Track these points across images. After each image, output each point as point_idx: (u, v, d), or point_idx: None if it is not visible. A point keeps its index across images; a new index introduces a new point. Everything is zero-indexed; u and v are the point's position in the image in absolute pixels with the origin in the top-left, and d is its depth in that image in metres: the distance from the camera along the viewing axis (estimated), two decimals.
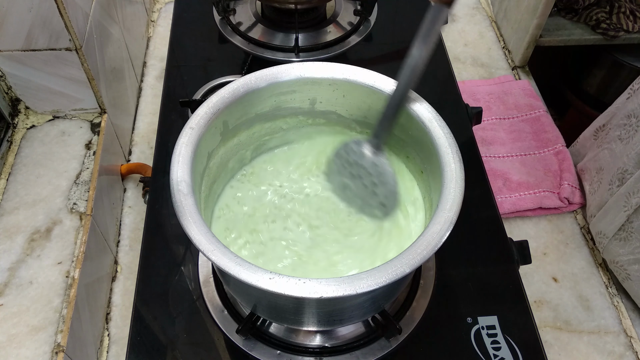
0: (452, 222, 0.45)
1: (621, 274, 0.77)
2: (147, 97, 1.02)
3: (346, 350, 0.58)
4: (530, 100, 1.04)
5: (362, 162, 0.56)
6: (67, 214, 0.69)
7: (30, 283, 0.63)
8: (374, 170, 0.55)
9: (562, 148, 0.95)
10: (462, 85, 1.06)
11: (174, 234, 0.66)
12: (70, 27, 0.69)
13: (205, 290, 0.61)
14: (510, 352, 0.58)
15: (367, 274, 0.42)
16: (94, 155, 0.75)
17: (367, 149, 0.55)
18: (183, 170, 0.48)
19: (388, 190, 0.55)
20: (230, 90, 0.55)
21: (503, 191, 0.89)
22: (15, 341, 0.59)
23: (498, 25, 1.21)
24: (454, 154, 0.50)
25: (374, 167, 0.55)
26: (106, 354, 0.71)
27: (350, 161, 0.57)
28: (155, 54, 1.10)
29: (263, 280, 0.41)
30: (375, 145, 0.55)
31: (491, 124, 1.01)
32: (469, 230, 0.67)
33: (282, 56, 0.86)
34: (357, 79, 0.56)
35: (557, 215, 0.89)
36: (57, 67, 0.72)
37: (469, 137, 0.77)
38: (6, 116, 0.75)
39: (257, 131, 0.62)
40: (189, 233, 0.44)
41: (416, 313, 0.60)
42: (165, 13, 1.18)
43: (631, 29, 1.15)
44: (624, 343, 0.74)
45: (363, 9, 0.91)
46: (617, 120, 0.83)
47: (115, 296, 0.77)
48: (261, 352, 0.57)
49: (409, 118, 0.55)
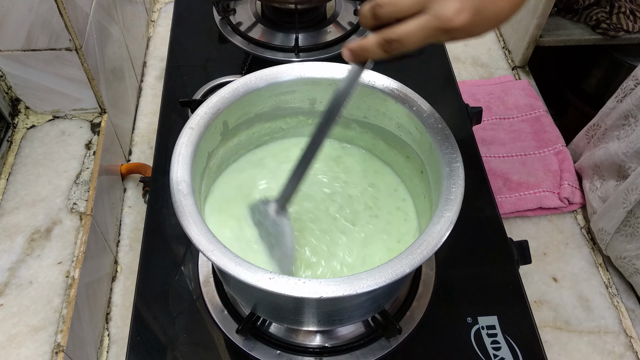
0: (452, 222, 0.45)
1: (629, 269, 0.77)
2: (147, 97, 1.02)
3: (346, 350, 0.58)
4: (530, 100, 1.04)
5: (265, 221, 0.53)
6: (67, 214, 0.69)
7: (30, 283, 0.63)
8: (274, 230, 0.53)
9: (562, 148, 0.95)
10: (462, 85, 1.06)
11: (174, 234, 0.66)
12: (70, 27, 0.69)
13: (205, 290, 0.61)
14: (510, 352, 0.58)
15: (367, 274, 0.42)
16: (94, 155, 0.75)
17: (272, 208, 0.52)
18: (183, 170, 0.48)
19: (283, 252, 0.52)
20: (230, 90, 0.55)
21: (503, 191, 0.89)
22: (15, 341, 0.59)
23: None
24: (454, 154, 0.50)
25: (274, 226, 0.52)
26: (106, 354, 0.71)
27: (255, 220, 0.55)
28: (155, 54, 1.10)
29: (263, 280, 0.41)
30: (280, 204, 0.52)
31: (491, 124, 1.01)
32: (469, 230, 0.67)
33: (282, 56, 0.86)
34: None
35: (557, 215, 0.89)
36: (57, 67, 0.72)
37: (469, 137, 0.77)
38: (6, 116, 0.75)
39: (257, 131, 0.62)
40: (189, 233, 0.44)
41: (416, 313, 0.60)
42: (165, 13, 1.18)
43: (631, 29, 1.15)
44: (624, 343, 0.74)
45: None
46: (611, 120, 0.84)
47: (115, 296, 0.77)
48: (261, 352, 0.57)
49: (409, 118, 0.55)
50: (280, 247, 0.52)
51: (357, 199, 0.61)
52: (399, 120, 0.57)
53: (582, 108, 1.55)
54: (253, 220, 0.56)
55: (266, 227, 0.54)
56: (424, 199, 0.58)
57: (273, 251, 0.54)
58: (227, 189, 0.60)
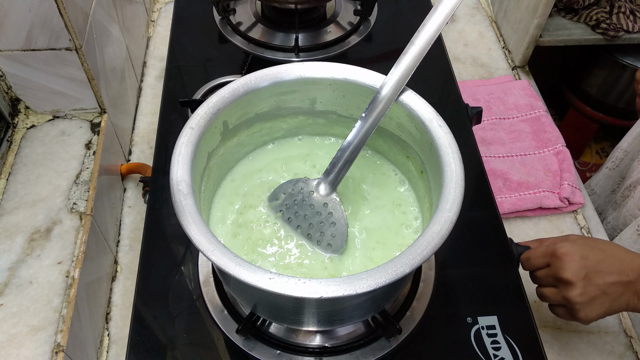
0: (452, 222, 0.45)
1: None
2: (147, 97, 1.02)
3: (346, 350, 0.58)
4: (530, 100, 1.04)
5: (310, 201, 0.56)
6: (67, 214, 0.69)
7: (30, 283, 0.63)
8: (319, 210, 0.56)
9: (562, 148, 0.95)
10: (462, 85, 1.06)
11: (174, 234, 0.66)
12: (70, 26, 0.69)
13: (205, 290, 0.61)
14: (510, 352, 0.58)
15: (367, 274, 0.42)
16: (94, 155, 0.75)
17: (319, 188, 0.56)
18: (183, 170, 0.48)
19: (336, 229, 0.55)
20: (230, 90, 0.55)
21: (503, 191, 0.89)
22: (15, 341, 0.59)
23: (498, 25, 1.21)
24: (454, 154, 0.50)
25: (321, 207, 0.56)
26: (106, 353, 0.71)
27: (297, 200, 0.57)
28: (155, 54, 1.10)
29: (263, 280, 0.41)
30: (330, 184, 0.56)
31: (491, 124, 1.01)
32: (469, 230, 0.67)
33: (282, 56, 0.85)
34: (357, 79, 0.56)
35: (557, 215, 0.89)
36: (57, 67, 0.72)
37: (469, 137, 0.77)
38: (6, 116, 0.75)
39: (257, 131, 0.62)
40: (189, 233, 0.44)
41: (416, 313, 0.60)
42: (165, 13, 1.18)
43: (631, 29, 1.15)
44: (624, 343, 0.74)
45: (363, 9, 0.91)
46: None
47: (115, 296, 0.77)
48: (261, 352, 0.57)
49: (409, 118, 0.55)
50: (328, 227, 0.55)
51: (357, 198, 0.61)
52: (399, 120, 0.57)
53: (582, 108, 1.55)
54: (276, 204, 0.58)
55: (301, 209, 0.56)
56: (424, 198, 0.58)
57: (312, 232, 0.56)
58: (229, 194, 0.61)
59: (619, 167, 0.99)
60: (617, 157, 0.99)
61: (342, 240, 0.55)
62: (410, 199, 0.61)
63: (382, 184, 0.62)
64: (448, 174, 0.49)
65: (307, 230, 0.56)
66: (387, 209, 0.60)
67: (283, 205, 0.57)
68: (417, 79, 0.54)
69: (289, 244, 0.56)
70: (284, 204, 0.57)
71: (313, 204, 0.56)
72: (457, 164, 0.49)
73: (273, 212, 0.58)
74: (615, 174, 0.99)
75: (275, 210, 0.58)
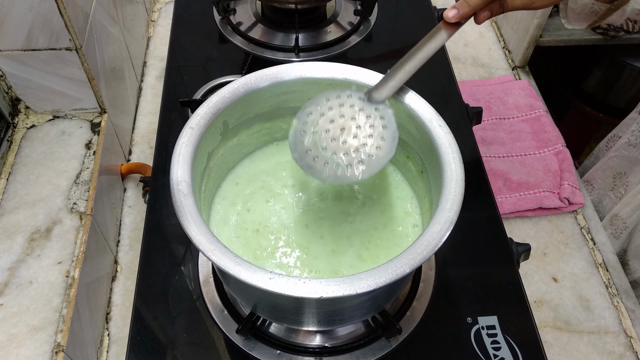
0: (452, 222, 0.45)
1: None
2: (147, 97, 1.02)
3: (346, 350, 0.58)
4: (530, 100, 1.04)
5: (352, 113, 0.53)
6: (67, 214, 0.69)
7: (30, 283, 0.63)
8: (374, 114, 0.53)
9: (562, 148, 0.95)
10: (462, 85, 1.06)
11: (174, 234, 0.66)
12: (70, 26, 0.69)
13: (205, 290, 0.61)
14: (510, 352, 0.58)
15: (367, 274, 0.42)
16: (94, 155, 0.75)
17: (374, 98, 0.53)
18: (183, 170, 0.48)
19: (387, 133, 0.52)
20: (231, 90, 0.55)
21: (503, 191, 0.89)
22: (15, 341, 0.59)
23: (498, 25, 1.21)
24: (454, 154, 0.50)
25: (375, 111, 0.52)
26: (106, 353, 0.71)
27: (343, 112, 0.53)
28: (155, 54, 1.10)
29: (263, 280, 0.41)
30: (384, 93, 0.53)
31: (491, 124, 1.01)
32: (469, 230, 0.67)
33: (282, 56, 0.85)
34: (357, 79, 0.56)
35: (557, 215, 0.89)
36: (57, 67, 0.72)
37: (469, 137, 0.77)
38: (6, 116, 0.75)
39: (257, 131, 0.62)
40: (189, 233, 0.44)
41: (416, 313, 0.60)
42: (165, 13, 1.18)
43: (631, 29, 1.15)
44: (624, 343, 0.74)
45: (363, 9, 0.91)
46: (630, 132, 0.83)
47: (115, 296, 0.77)
48: (261, 352, 0.57)
49: (409, 118, 0.55)
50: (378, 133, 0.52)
51: (357, 198, 0.61)
52: (399, 120, 0.56)
53: (582, 108, 1.55)
54: (307, 120, 0.53)
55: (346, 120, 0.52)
56: (424, 198, 0.58)
57: (343, 150, 0.52)
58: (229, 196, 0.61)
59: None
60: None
61: (392, 145, 0.51)
62: (410, 199, 0.61)
63: (382, 183, 0.62)
64: (448, 174, 0.49)
65: (336, 149, 0.52)
66: (387, 208, 0.60)
67: (313, 123, 0.53)
68: (417, 79, 0.54)
69: (289, 244, 0.56)
70: (315, 121, 0.53)
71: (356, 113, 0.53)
72: (457, 164, 0.49)
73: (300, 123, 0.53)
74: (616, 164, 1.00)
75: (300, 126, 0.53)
